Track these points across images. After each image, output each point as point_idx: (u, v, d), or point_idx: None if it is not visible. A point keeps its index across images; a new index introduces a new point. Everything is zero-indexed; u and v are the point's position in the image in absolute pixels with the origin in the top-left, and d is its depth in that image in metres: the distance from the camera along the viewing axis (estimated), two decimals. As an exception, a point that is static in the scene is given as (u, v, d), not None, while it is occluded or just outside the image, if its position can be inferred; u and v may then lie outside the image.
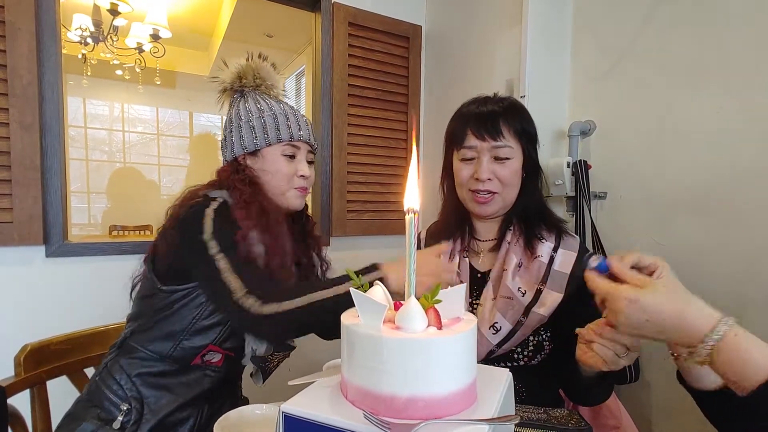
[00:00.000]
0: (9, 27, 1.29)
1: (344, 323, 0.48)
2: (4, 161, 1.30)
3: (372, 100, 2.00)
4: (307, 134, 0.98)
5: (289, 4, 1.90)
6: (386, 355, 0.43)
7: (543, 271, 0.85)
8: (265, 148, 0.95)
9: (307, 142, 0.99)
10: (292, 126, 0.95)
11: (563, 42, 1.59)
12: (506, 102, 0.89)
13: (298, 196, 0.98)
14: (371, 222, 2.03)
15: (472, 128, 0.85)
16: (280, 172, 0.95)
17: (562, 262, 0.86)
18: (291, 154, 0.96)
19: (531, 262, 0.86)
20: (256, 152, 0.95)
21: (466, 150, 0.87)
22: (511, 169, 0.85)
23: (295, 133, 0.95)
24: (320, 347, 1.99)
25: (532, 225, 0.89)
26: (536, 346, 0.87)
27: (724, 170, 1.17)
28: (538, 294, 0.84)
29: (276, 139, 0.94)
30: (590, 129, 1.49)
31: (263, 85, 1.00)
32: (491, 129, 0.84)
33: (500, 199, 0.88)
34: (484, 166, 0.85)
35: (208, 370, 0.92)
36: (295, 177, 0.96)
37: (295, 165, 0.97)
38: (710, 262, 1.19)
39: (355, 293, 0.49)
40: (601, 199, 1.47)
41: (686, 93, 1.26)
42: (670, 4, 1.29)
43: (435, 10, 2.10)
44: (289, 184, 0.96)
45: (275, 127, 0.94)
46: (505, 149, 0.84)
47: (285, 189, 0.96)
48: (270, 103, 0.96)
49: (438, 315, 0.47)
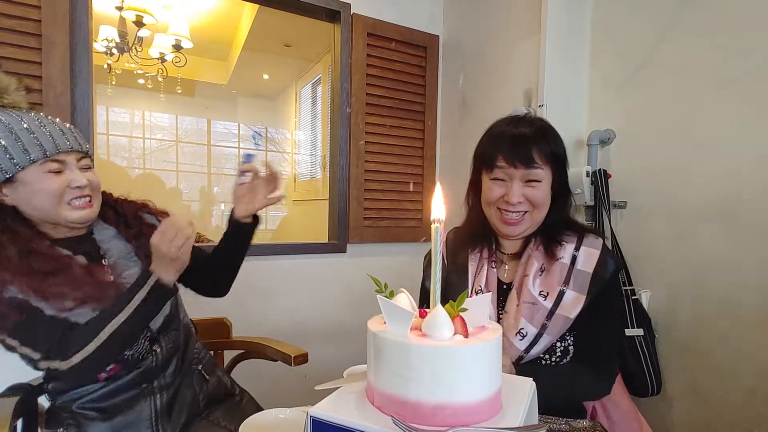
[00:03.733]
0: (45, 40, 1.35)
1: (371, 330, 0.49)
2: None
3: (389, 108, 2.03)
4: (67, 143, 0.84)
5: (310, 16, 1.95)
6: (414, 362, 0.44)
7: (565, 273, 0.86)
8: (18, 173, 0.80)
9: (72, 151, 0.85)
10: (43, 139, 0.81)
11: (582, 51, 1.59)
12: (537, 125, 0.89)
13: (74, 209, 0.85)
14: (387, 229, 2.04)
15: (505, 154, 0.86)
16: (44, 191, 0.82)
17: (584, 261, 0.86)
18: (57, 169, 0.83)
19: (553, 265, 0.87)
20: (10, 179, 0.81)
21: (497, 171, 0.88)
22: (541, 191, 0.86)
23: (49, 147, 0.81)
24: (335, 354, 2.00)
25: (553, 233, 0.90)
26: (563, 351, 0.87)
27: (750, 179, 1.15)
28: (561, 296, 0.85)
29: (27, 160, 0.80)
30: (610, 138, 1.48)
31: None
32: (523, 156, 0.84)
33: (529, 219, 0.89)
34: (515, 190, 0.85)
35: None
36: (68, 190, 0.84)
37: (65, 177, 0.84)
38: (736, 274, 1.17)
39: (381, 300, 0.50)
40: (621, 209, 1.46)
41: (709, 101, 1.24)
42: (691, 15, 1.28)
43: (452, 20, 2.12)
44: (60, 200, 0.83)
45: (21, 148, 0.79)
46: (536, 172, 0.85)
47: (57, 208, 0.84)
48: (3, 122, 0.80)
49: (464, 323, 0.48)
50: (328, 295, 1.97)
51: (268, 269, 1.84)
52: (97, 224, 0.95)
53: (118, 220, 0.97)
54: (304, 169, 4.06)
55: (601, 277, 0.85)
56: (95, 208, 0.90)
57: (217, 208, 4.49)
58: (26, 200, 0.82)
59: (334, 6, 1.89)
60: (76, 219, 0.86)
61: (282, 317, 1.87)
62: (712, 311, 1.22)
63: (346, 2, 1.91)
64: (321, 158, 3.47)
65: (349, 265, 2.01)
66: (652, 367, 1.28)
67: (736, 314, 1.17)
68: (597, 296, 0.84)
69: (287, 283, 1.89)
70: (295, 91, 4.19)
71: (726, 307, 1.19)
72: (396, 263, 2.07)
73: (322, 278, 1.96)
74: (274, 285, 1.86)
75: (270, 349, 1.16)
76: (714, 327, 1.22)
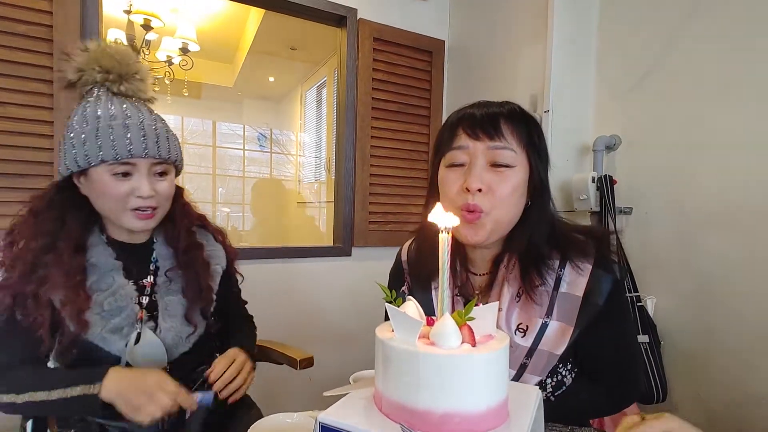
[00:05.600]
0: (57, 45, 1.37)
1: (379, 337, 0.50)
2: (47, 171, 1.38)
3: (395, 113, 2.04)
4: (142, 148, 0.79)
5: (316, 21, 1.96)
6: (422, 371, 0.45)
7: (547, 300, 0.69)
8: (90, 168, 0.79)
9: (146, 157, 0.80)
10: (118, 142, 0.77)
11: (588, 56, 1.60)
12: (511, 105, 0.72)
13: (134, 218, 0.82)
14: (392, 233, 2.05)
15: (465, 126, 0.68)
16: (107, 195, 0.80)
17: (570, 282, 0.69)
18: (124, 171, 0.79)
19: (533, 291, 0.69)
20: (85, 172, 0.80)
21: (455, 152, 0.68)
22: (510, 182, 0.66)
23: (121, 151, 0.78)
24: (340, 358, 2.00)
25: (534, 255, 0.70)
26: (556, 385, 0.73)
27: (757, 186, 1.15)
28: (542, 329, 0.68)
29: (97, 159, 0.77)
30: (615, 144, 1.48)
31: (108, 79, 0.80)
32: (488, 127, 0.66)
33: (489, 221, 0.68)
34: (476, 172, 0.66)
35: None
36: (131, 197, 0.80)
37: (131, 183, 0.80)
38: (744, 281, 1.17)
39: (390, 309, 0.50)
40: (627, 215, 1.46)
41: (715, 108, 1.24)
42: (697, 22, 1.29)
43: (458, 25, 2.13)
44: (123, 206, 0.81)
45: (96, 145, 0.77)
46: (505, 152, 0.66)
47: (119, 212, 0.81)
48: (100, 111, 0.78)
49: (472, 332, 0.48)
50: (332, 298, 1.98)
51: (273, 273, 1.85)
52: (160, 235, 0.92)
53: (173, 235, 0.92)
54: (309, 171, 4.07)
55: (594, 303, 0.68)
56: (156, 219, 0.86)
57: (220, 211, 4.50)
58: (93, 196, 0.82)
59: (341, 11, 1.90)
60: (134, 228, 0.84)
61: (286, 320, 1.88)
62: (718, 318, 1.22)
63: (352, 7, 1.92)
64: (326, 161, 3.49)
65: (354, 268, 2.01)
66: (658, 374, 1.28)
67: (742, 322, 1.16)
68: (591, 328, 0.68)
69: (292, 286, 1.89)
70: (300, 93, 4.21)
71: (732, 315, 1.19)
72: (400, 267, 2.07)
73: (326, 282, 1.96)
74: (279, 288, 1.86)
75: (275, 353, 1.17)
76: (720, 334, 1.22)
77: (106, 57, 0.80)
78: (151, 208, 0.83)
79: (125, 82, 0.82)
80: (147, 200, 0.81)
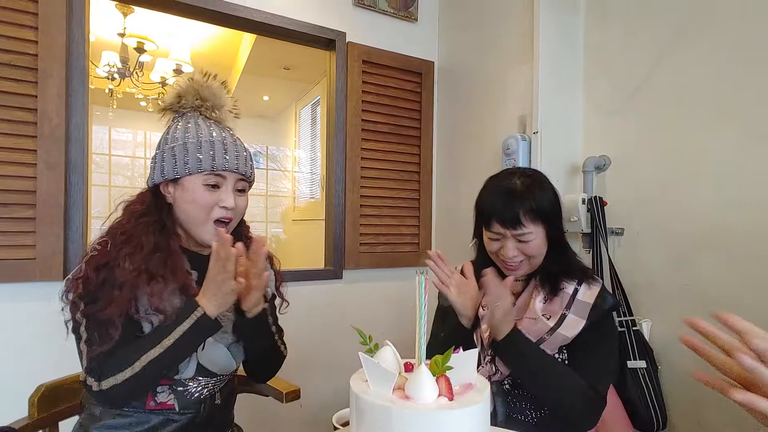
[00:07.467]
0: (41, 73, 1.36)
1: (353, 390, 0.47)
2: (29, 200, 1.35)
3: (385, 134, 2.03)
4: (234, 164, 0.90)
5: (306, 44, 1.97)
6: (396, 427, 0.42)
7: (567, 300, 0.94)
8: (185, 177, 0.87)
9: (235, 172, 0.90)
10: (217, 155, 0.88)
11: (575, 77, 1.60)
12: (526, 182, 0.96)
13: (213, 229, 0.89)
14: (384, 255, 2.03)
15: (496, 218, 0.95)
16: (196, 202, 0.87)
17: (584, 294, 0.95)
18: (214, 183, 0.88)
19: (555, 297, 0.96)
20: (177, 180, 0.88)
21: (492, 233, 0.97)
22: (533, 246, 0.94)
23: (219, 163, 0.88)
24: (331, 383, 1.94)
25: (551, 281, 0.97)
26: None
27: (747, 207, 1.14)
28: (562, 318, 0.92)
29: (196, 168, 0.87)
30: (605, 164, 1.47)
31: (204, 106, 0.93)
32: (511, 220, 0.93)
33: (527, 265, 0.98)
34: (509, 247, 0.95)
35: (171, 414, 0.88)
36: (216, 207, 0.89)
37: (218, 195, 0.89)
38: (737, 302, 1.15)
39: (364, 359, 0.48)
40: (618, 236, 1.44)
41: (704, 128, 1.24)
42: (685, 42, 1.29)
43: (447, 47, 2.14)
44: (208, 215, 0.88)
45: (196, 156, 0.87)
46: (526, 235, 0.93)
47: (201, 221, 0.89)
48: (199, 129, 0.89)
49: (449, 384, 0.46)
50: (324, 322, 1.94)
51: (264, 297, 1.82)
52: None
53: None
54: (305, 188, 4.06)
55: (601, 308, 0.92)
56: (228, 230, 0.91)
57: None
58: (181, 204, 0.88)
59: (330, 35, 1.91)
60: (209, 240, 0.88)
61: (277, 345, 1.84)
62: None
63: (341, 31, 1.94)
64: (321, 179, 3.48)
65: (345, 291, 1.98)
66: (657, 400, 1.25)
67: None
68: (594, 326, 0.91)
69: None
70: (294, 111, 4.23)
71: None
72: (392, 289, 2.04)
73: (318, 305, 1.93)
74: (270, 312, 1.83)
75: (261, 386, 1.13)
76: (717, 359, 1.19)
77: (205, 89, 0.93)
78: (228, 219, 0.90)
79: (216, 111, 0.95)
80: (228, 212, 0.89)
